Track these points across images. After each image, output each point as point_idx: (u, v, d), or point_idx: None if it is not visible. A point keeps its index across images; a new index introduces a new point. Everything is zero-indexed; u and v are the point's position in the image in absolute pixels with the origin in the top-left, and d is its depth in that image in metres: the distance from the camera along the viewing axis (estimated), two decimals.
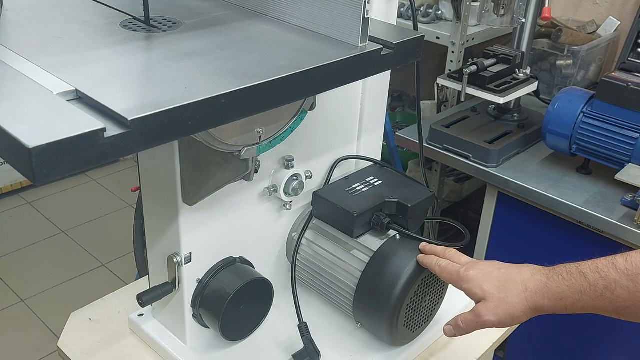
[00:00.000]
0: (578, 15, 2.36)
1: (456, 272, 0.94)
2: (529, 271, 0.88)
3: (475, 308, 0.90)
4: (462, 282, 0.93)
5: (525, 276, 0.88)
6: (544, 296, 0.85)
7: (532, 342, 1.94)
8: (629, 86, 1.62)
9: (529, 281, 0.87)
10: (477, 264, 0.94)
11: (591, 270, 0.82)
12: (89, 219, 3.17)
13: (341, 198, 1.11)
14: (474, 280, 0.91)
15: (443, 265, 0.98)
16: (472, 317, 0.90)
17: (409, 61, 0.91)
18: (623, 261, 0.80)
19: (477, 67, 1.76)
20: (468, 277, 0.92)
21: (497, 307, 0.87)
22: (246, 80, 0.71)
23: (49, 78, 0.70)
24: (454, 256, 0.99)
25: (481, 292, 0.89)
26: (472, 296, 0.91)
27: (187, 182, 0.95)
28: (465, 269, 0.94)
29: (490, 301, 0.88)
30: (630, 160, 1.62)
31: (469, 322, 0.91)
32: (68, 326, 1.17)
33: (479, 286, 0.90)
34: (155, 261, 1.09)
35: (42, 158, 0.56)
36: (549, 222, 1.74)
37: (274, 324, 1.15)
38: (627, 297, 0.79)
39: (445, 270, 0.97)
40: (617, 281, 0.79)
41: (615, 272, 0.80)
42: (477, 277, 0.91)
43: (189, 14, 0.95)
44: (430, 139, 1.91)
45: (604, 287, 0.80)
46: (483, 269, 0.92)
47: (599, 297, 0.81)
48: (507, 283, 0.88)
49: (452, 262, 0.98)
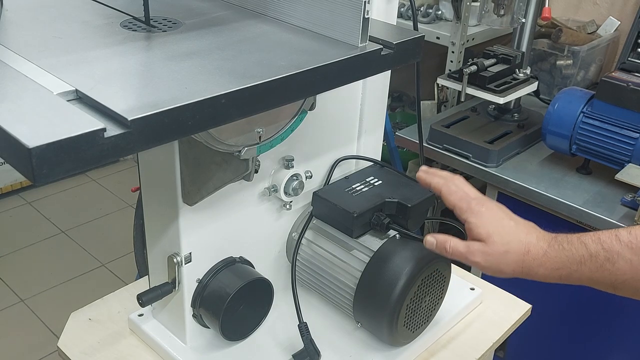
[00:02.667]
0: (578, 15, 2.36)
1: (467, 200, 0.89)
2: (535, 235, 0.86)
3: (471, 244, 0.87)
4: (471, 214, 0.88)
5: (531, 239, 0.85)
6: (541, 264, 0.83)
7: (532, 342, 1.94)
8: (629, 86, 1.62)
9: (533, 245, 0.84)
10: (488, 202, 0.90)
11: (593, 241, 0.80)
12: (89, 219, 3.17)
13: (341, 198, 1.11)
14: (483, 219, 0.87)
15: (453, 189, 0.92)
16: (463, 250, 0.87)
17: (409, 61, 0.91)
18: (627, 234, 0.79)
19: (477, 67, 1.76)
20: (479, 212, 0.88)
21: (492, 255, 0.85)
22: (246, 80, 0.71)
23: (49, 78, 0.70)
24: (460, 184, 0.94)
25: (485, 233, 0.86)
26: (474, 234, 0.87)
27: (187, 182, 0.95)
28: (477, 202, 0.89)
29: (489, 246, 0.85)
30: (630, 160, 1.62)
31: (456, 252, 0.88)
32: (68, 326, 1.17)
33: (485, 227, 0.86)
34: (155, 261, 1.09)
35: (42, 158, 0.56)
36: (549, 222, 1.74)
37: (274, 324, 1.15)
38: (628, 269, 0.77)
39: (454, 194, 0.91)
40: (619, 253, 0.78)
41: (618, 244, 0.78)
42: (487, 216, 0.87)
43: (189, 14, 0.95)
44: (430, 139, 1.91)
45: (605, 259, 0.79)
46: (495, 212, 0.88)
47: (599, 269, 0.79)
48: (512, 238, 0.85)
49: (461, 189, 0.92)
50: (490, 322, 1.23)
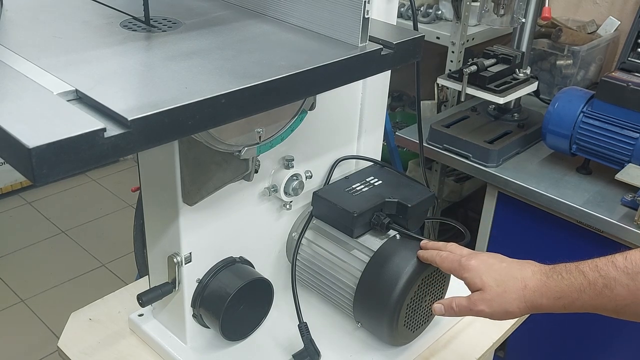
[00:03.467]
0: (578, 15, 2.36)
1: (457, 261, 0.95)
2: (530, 269, 0.88)
3: (472, 296, 0.91)
4: (463, 270, 0.93)
5: (526, 274, 0.88)
6: (543, 295, 0.85)
7: (532, 342, 1.94)
8: (629, 86, 1.62)
9: (529, 279, 0.87)
10: (479, 255, 0.95)
11: (590, 269, 0.82)
12: (89, 219, 3.17)
13: (341, 198, 1.11)
14: (474, 270, 0.92)
15: (444, 256, 0.98)
16: (467, 304, 0.91)
17: (409, 61, 0.91)
18: (622, 259, 0.80)
19: (477, 67, 1.76)
20: (469, 266, 0.92)
21: (492, 300, 0.88)
22: (246, 80, 0.71)
23: (49, 78, 0.70)
24: (455, 249, 1.00)
25: (480, 282, 0.90)
26: (471, 285, 0.92)
27: (187, 182, 0.95)
28: (467, 258, 0.94)
29: (487, 292, 0.89)
30: (630, 160, 1.62)
31: (462, 308, 0.92)
32: (68, 326, 1.17)
33: (479, 276, 0.90)
34: (155, 261, 1.09)
35: (42, 158, 0.56)
36: (549, 222, 1.74)
37: (274, 324, 1.15)
38: (627, 295, 0.79)
39: (446, 260, 0.97)
40: (616, 279, 0.79)
41: (614, 271, 0.80)
42: (478, 267, 0.92)
43: (189, 14, 0.95)
44: (430, 139, 1.91)
45: (604, 286, 0.80)
46: (485, 260, 0.93)
47: (598, 296, 0.81)
48: (507, 278, 0.88)
49: (453, 253, 0.98)
50: (490, 322, 1.22)
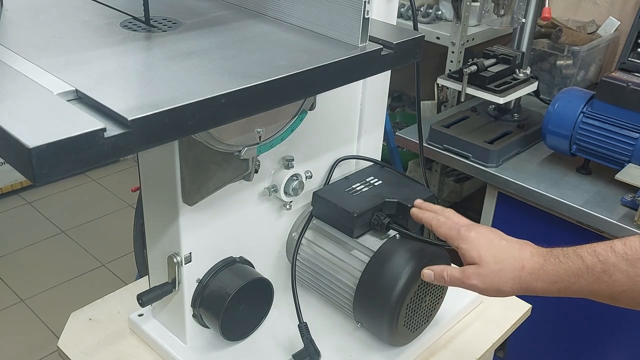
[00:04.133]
0: (578, 15, 2.36)
1: (456, 229, 0.92)
2: (529, 251, 0.87)
3: (466, 269, 0.89)
4: (462, 241, 0.91)
5: (525, 255, 0.86)
6: (539, 278, 0.84)
7: (532, 342, 1.94)
8: (629, 86, 1.62)
9: (527, 261, 0.85)
10: (478, 227, 0.92)
11: (589, 254, 0.81)
12: (89, 219, 3.17)
13: (341, 198, 1.11)
14: (473, 242, 0.89)
15: (442, 220, 0.95)
16: (459, 276, 0.89)
17: (409, 61, 0.91)
18: (622, 245, 0.79)
19: (477, 67, 1.76)
20: (469, 237, 0.90)
21: (487, 276, 0.87)
22: (246, 80, 0.71)
23: (49, 78, 0.70)
24: (452, 215, 0.97)
25: (477, 256, 0.88)
26: (467, 258, 0.90)
27: (187, 182, 0.95)
28: (467, 228, 0.92)
29: (483, 268, 0.87)
30: (630, 160, 1.62)
31: (454, 279, 0.90)
32: (68, 326, 1.17)
33: (477, 250, 0.88)
34: (155, 261, 1.09)
35: (42, 158, 0.56)
36: (549, 222, 1.74)
37: (274, 324, 1.15)
38: (625, 281, 0.78)
39: (443, 225, 0.94)
40: (615, 265, 0.78)
41: (614, 256, 0.79)
42: (477, 240, 0.90)
43: (189, 14, 0.95)
44: (430, 139, 1.91)
45: (602, 271, 0.79)
46: (485, 234, 0.90)
47: (596, 281, 0.80)
48: (506, 257, 0.87)
49: (450, 219, 0.96)
50: (490, 322, 1.23)
